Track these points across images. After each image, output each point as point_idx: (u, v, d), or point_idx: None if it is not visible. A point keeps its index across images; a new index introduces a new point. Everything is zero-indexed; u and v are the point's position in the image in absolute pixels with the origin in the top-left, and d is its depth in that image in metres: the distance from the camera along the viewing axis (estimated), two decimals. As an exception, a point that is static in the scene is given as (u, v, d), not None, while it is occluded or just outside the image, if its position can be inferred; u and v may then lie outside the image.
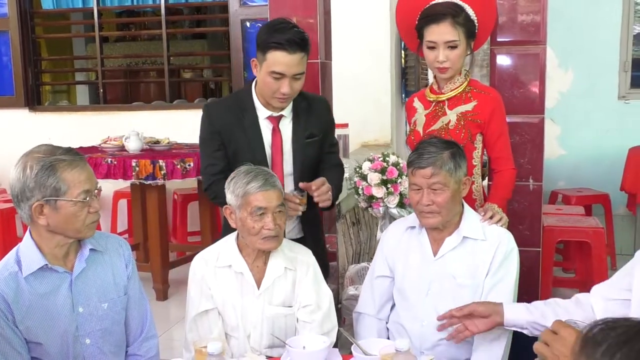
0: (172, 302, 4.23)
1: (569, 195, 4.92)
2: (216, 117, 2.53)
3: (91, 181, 1.88)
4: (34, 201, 1.82)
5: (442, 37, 2.44)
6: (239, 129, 2.50)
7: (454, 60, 2.46)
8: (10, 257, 1.92)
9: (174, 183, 4.34)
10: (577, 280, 4.21)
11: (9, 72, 5.66)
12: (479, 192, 2.57)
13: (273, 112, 2.50)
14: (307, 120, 2.53)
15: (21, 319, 1.86)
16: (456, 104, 2.54)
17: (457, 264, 2.21)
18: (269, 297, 2.22)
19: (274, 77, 2.35)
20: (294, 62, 2.33)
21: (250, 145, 2.50)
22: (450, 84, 2.55)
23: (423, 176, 2.16)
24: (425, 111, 2.63)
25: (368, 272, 2.44)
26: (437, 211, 2.17)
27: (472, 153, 2.51)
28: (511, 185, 2.54)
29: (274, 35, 2.33)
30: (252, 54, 5.24)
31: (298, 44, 2.32)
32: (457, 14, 2.44)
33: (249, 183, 2.15)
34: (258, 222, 2.14)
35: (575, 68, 5.29)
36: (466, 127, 2.50)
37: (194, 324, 2.22)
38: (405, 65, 5.36)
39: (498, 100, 2.54)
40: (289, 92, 2.38)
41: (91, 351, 1.96)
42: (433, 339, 2.20)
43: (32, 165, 1.82)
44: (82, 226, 1.88)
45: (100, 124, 5.45)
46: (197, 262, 2.28)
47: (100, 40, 5.83)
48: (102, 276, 2.01)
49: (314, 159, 2.57)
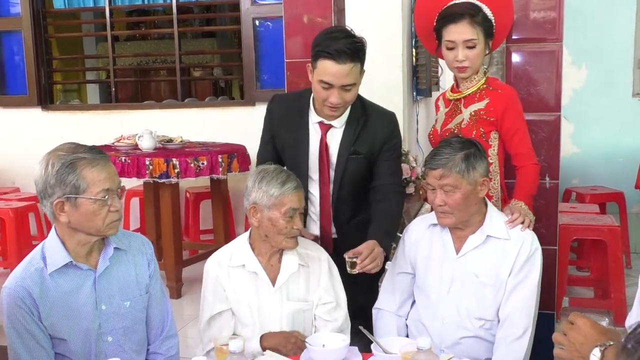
0: (185, 300, 4.23)
1: (582, 194, 4.89)
2: (274, 110, 2.57)
3: (112, 180, 1.88)
4: (55, 198, 1.84)
5: (461, 36, 2.46)
6: (289, 128, 2.51)
7: (472, 59, 2.48)
8: (36, 253, 1.93)
9: (187, 181, 4.34)
10: (592, 278, 4.18)
11: (22, 72, 5.68)
12: (496, 189, 2.56)
13: (324, 120, 2.47)
14: (356, 135, 2.46)
15: (46, 315, 1.87)
16: (471, 102, 2.55)
17: (479, 262, 2.20)
18: (286, 293, 2.24)
19: (322, 86, 2.31)
20: (342, 73, 2.27)
21: (295, 146, 2.50)
22: (468, 82, 2.56)
23: (434, 177, 2.17)
24: (446, 109, 2.66)
25: (389, 268, 2.43)
26: (449, 212, 2.18)
27: (488, 151, 2.49)
28: (534, 180, 2.51)
29: (325, 43, 2.28)
30: (265, 53, 5.26)
31: (347, 54, 2.25)
32: (475, 13, 2.46)
33: (284, 184, 2.17)
34: (290, 222, 2.17)
35: (589, 65, 5.26)
36: (478, 125, 2.51)
37: (207, 325, 2.23)
38: (416, 64, 5.32)
39: (511, 97, 2.52)
40: (337, 102, 2.33)
41: (113, 349, 1.97)
42: (453, 337, 2.20)
43: (53, 163, 1.83)
44: (103, 225, 1.88)
45: (112, 122, 5.46)
46: (210, 263, 2.29)
47: (112, 39, 5.84)
48: (125, 275, 2.02)
49: (357, 175, 2.49)
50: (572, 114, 5.27)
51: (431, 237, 2.32)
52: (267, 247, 2.24)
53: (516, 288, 2.17)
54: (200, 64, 8.40)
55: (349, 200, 2.53)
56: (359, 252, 2.23)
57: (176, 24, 5.57)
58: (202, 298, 2.28)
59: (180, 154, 4.11)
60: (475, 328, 2.21)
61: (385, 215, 2.45)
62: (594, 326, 1.42)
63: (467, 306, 2.21)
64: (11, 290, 1.85)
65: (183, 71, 5.75)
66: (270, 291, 2.22)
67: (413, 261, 2.35)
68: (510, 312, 2.16)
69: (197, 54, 8.15)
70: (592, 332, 1.41)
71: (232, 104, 6.04)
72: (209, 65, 8.46)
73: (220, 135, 4.94)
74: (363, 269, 2.22)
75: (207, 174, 4.11)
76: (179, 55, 5.61)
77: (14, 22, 5.62)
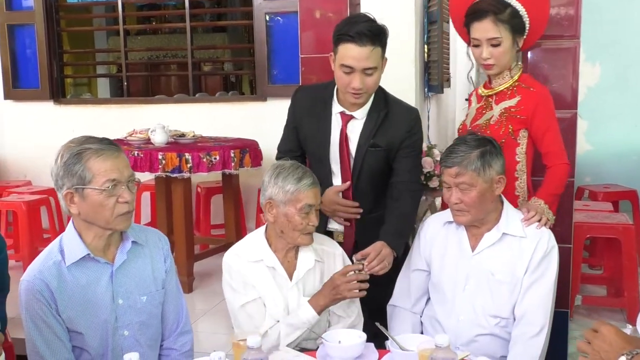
0: (196, 294, 4.24)
1: (595, 192, 4.86)
2: (298, 100, 2.59)
3: (119, 171, 1.86)
4: (65, 189, 1.85)
5: (485, 34, 2.43)
6: (311, 117, 2.52)
7: (497, 57, 2.45)
8: (54, 246, 1.93)
9: (198, 176, 4.34)
10: (605, 277, 4.16)
11: (34, 65, 5.69)
12: (522, 188, 2.53)
13: (345, 110, 2.46)
14: (377, 127, 2.45)
15: (63, 308, 1.88)
16: (502, 99, 2.52)
17: (495, 260, 2.20)
18: (302, 289, 2.24)
19: (344, 71, 2.31)
20: (362, 55, 2.27)
21: (316, 136, 2.51)
22: (499, 79, 2.54)
23: (450, 175, 2.17)
24: (477, 105, 2.63)
25: (404, 265, 2.43)
26: (465, 210, 2.17)
27: (515, 149, 2.48)
28: (561, 180, 2.48)
29: (346, 28, 2.30)
30: (276, 48, 5.25)
31: (368, 36, 2.26)
32: (500, 10, 2.41)
33: (300, 180, 2.16)
34: (305, 219, 2.17)
35: (603, 62, 5.22)
36: (507, 122, 2.47)
37: (243, 311, 2.20)
38: (428, 60, 5.31)
39: (543, 96, 2.48)
40: (359, 86, 2.32)
41: (129, 343, 1.97)
42: (469, 335, 2.20)
43: (63, 154, 1.85)
44: (111, 216, 1.87)
45: (124, 116, 5.47)
46: (230, 257, 2.28)
47: (124, 34, 5.85)
48: (142, 269, 2.02)
49: (375, 169, 2.48)
50: (586, 111, 5.22)
51: (447, 235, 2.31)
52: (283, 243, 2.24)
53: (532, 286, 2.16)
54: (211, 58, 8.40)
55: (368, 194, 2.51)
56: (367, 254, 2.24)
57: (188, 18, 5.57)
58: (227, 290, 2.26)
59: (192, 148, 4.11)
60: (491, 326, 2.20)
61: (398, 214, 2.45)
62: (619, 334, 1.41)
63: (483, 304, 2.20)
64: (29, 283, 1.86)
65: (194, 66, 5.75)
66: (288, 286, 2.23)
67: (428, 258, 2.34)
68: (527, 310, 2.15)
69: (209, 48, 8.15)
70: (618, 340, 1.39)
71: (244, 99, 6.04)
72: (220, 60, 8.46)
73: (231, 130, 4.94)
74: (370, 271, 2.22)
75: (220, 169, 4.11)
76: (190, 49, 5.61)
77: (27, 15, 5.63)
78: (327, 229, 2.58)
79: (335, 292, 2.16)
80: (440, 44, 5.15)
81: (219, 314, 3.81)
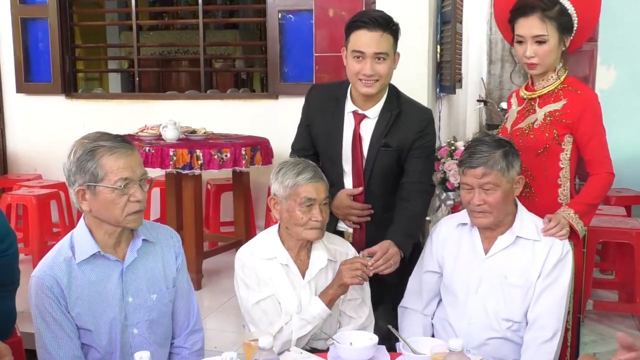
0: (205, 292, 4.23)
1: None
2: (312, 98, 2.61)
3: (132, 169, 1.85)
4: (77, 186, 1.84)
5: (530, 31, 2.33)
6: (324, 116, 2.53)
7: (542, 56, 2.34)
8: (65, 243, 1.92)
9: (208, 173, 4.33)
10: (617, 282, 4.12)
11: (46, 59, 5.68)
12: (565, 195, 2.43)
13: (358, 109, 2.46)
14: (389, 127, 2.44)
15: (73, 305, 1.87)
16: (546, 102, 2.42)
17: (508, 263, 2.18)
18: (314, 288, 2.23)
19: (355, 56, 2.34)
20: (373, 40, 2.31)
21: (328, 135, 2.51)
22: (543, 81, 2.43)
23: (474, 176, 2.12)
24: (518, 108, 2.53)
25: (415, 266, 2.41)
26: (488, 211, 2.14)
27: (560, 155, 2.39)
28: (601, 189, 2.38)
29: (357, 16, 2.36)
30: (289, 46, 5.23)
31: (379, 22, 2.32)
32: (548, 7, 2.31)
33: (299, 174, 2.17)
34: (306, 213, 2.16)
35: (618, 65, 5.16)
36: (552, 126, 2.37)
37: (258, 308, 2.19)
38: (440, 60, 5.28)
39: (590, 101, 2.37)
40: (370, 72, 2.33)
41: (138, 341, 1.96)
42: (480, 338, 2.18)
43: (76, 150, 1.84)
44: (122, 215, 1.86)
45: (135, 112, 5.46)
46: (243, 254, 2.27)
47: (137, 29, 5.85)
48: (153, 267, 2.00)
49: (387, 169, 2.48)
50: (599, 114, 5.17)
51: (459, 237, 2.29)
52: (293, 240, 2.24)
53: (546, 290, 2.14)
54: (223, 55, 8.40)
55: (379, 195, 2.50)
56: (373, 252, 2.23)
57: (201, 15, 5.56)
58: (240, 287, 2.24)
59: (204, 145, 4.09)
60: (503, 329, 2.18)
61: (407, 215, 2.44)
62: None
63: (495, 307, 2.18)
64: (39, 279, 1.85)
65: (206, 62, 5.73)
66: (301, 284, 2.22)
67: (440, 260, 2.32)
68: (540, 314, 2.13)
69: (222, 45, 8.13)
70: None
71: (255, 97, 6.02)
72: (232, 57, 8.44)
73: (241, 128, 4.92)
74: (376, 270, 2.21)
75: (230, 166, 4.09)
76: (203, 46, 5.60)
77: (40, 9, 5.63)
78: (336, 229, 2.56)
79: (338, 277, 2.16)
80: (454, 44, 5.13)
81: (228, 311, 3.80)
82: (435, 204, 3.30)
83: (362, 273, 2.15)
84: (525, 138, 2.41)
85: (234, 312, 3.71)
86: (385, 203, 2.51)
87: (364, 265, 2.17)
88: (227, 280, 4.36)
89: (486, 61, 8.82)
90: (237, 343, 3.25)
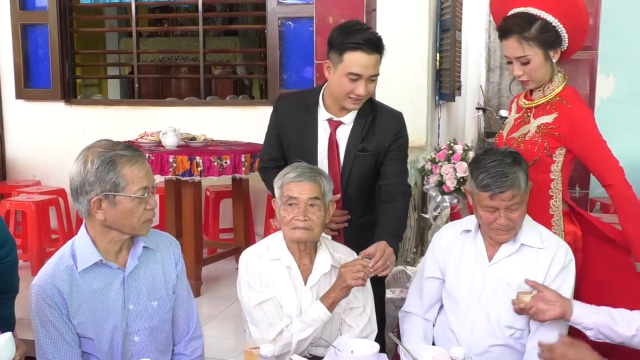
0: (204, 299, 4.21)
1: (607, 204, 4.81)
2: (281, 109, 2.60)
3: (149, 178, 1.89)
4: (93, 195, 1.83)
5: (512, 52, 2.35)
6: (295, 124, 2.53)
7: (530, 74, 2.35)
8: (66, 251, 1.92)
9: (207, 180, 4.33)
10: (616, 290, 4.11)
11: (46, 65, 5.69)
12: (557, 207, 2.42)
13: (333, 116, 2.48)
14: (365, 132, 2.47)
15: (75, 314, 1.87)
16: (540, 113, 2.41)
17: (512, 270, 2.18)
18: (316, 294, 2.23)
19: (350, 79, 2.34)
20: (370, 63, 2.33)
21: (302, 144, 2.51)
22: (540, 91, 2.42)
23: (504, 199, 2.09)
24: (516, 115, 2.54)
25: (417, 272, 2.42)
26: (512, 227, 2.15)
27: (550, 166, 2.39)
28: (634, 205, 2.29)
29: (351, 36, 2.33)
30: (288, 53, 5.24)
31: (376, 45, 2.33)
32: (524, 29, 2.30)
33: (286, 174, 2.22)
34: (289, 212, 2.18)
35: (618, 74, 5.17)
36: (543, 139, 2.36)
37: (260, 309, 2.18)
38: (439, 68, 5.30)
39: (579, 116, 2.34)
40: (363, 93, 2.36)
41: (139, 349, 1.96)
42: (482, 345, 2.18)
43: (92, 160, 1.83)
44: (138, 223, 1.88)
45: (135, 118, 5.46)
46: (248, 255, 2.28)
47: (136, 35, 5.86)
48: (153, 274, 2.01)
49: (364, 173, 2.50)
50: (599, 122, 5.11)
51: (463, 243, 2.29)
52: (294, 245, 2.24)
53: None
54: (222, 62, 8.42)
55: (357, 199, 2.53)
56: (371, 254, 2.20)
57: (201, 21, 5.57)
58: (242, 288, 2.24)
59: (203, 152, 4.09)
60: (505, 337, 2.19)
61: (392, 216, 2.45)
62: None
63: (498, 314, 2.18)
64: (40, 288, 1.85)
65: (206, 69, 5.74)
66: (303, 289, 2.22)
67: (443, 266, 2.32)
68: (543, 323, 2.12)
69: (222, 52, 8.14)
70: None
71: (254, 104, 6.03)
72: (231, 63, 8.46)
73: (241, 134, 4.93)
74: (375, 272, 2.19)
75: (230, 173, 4.09)
76: (202, 53, 5.61)
77: (40, 15, 5.63)
78: None
79: (341, 280, 2.15)
80: (453, 52, 5.14)
81: (227, 319, 3.79)
82: (430, 207, 3.31)
83: (364, 274, 2.15)
84: (517, 148, 2.40)
85: (233, 320, 3.70)
86: (362, 207, 2.54)
87: (364, 267, 2.17)
88: (226, 287, 4.35)
89: (485, 69, 8.83)
90: (236, 350, 3.24)
